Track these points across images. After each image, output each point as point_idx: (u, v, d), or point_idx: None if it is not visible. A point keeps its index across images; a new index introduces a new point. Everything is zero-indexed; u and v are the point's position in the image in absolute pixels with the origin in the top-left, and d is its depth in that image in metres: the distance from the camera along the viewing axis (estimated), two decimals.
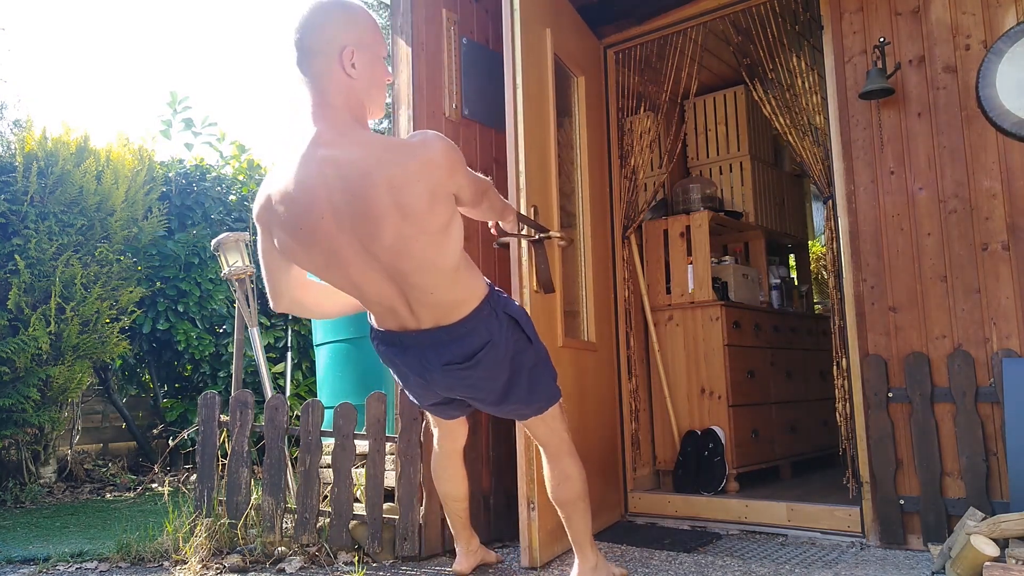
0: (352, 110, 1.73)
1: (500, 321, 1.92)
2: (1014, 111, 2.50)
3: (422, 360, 1.89)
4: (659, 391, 3.79)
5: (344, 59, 1.69)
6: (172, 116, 5.72)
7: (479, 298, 1.89)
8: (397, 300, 1.82)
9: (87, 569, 2.66)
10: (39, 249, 4.20)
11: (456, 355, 1.86)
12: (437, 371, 1.89)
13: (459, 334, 1.85)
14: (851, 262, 2.81)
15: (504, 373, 1.95)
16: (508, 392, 1.99)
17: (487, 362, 1.90)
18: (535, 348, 2.04)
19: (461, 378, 1.91)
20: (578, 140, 3.21)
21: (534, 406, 2.08)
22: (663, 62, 3.78)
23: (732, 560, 2.57)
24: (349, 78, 1.71)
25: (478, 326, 1.87)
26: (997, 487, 2.47)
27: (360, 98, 1.75)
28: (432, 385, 1.96)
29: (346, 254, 1.73)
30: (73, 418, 4.85)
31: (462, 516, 2.46)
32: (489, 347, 1.88)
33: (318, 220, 1.69)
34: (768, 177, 4.54)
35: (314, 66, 1.70)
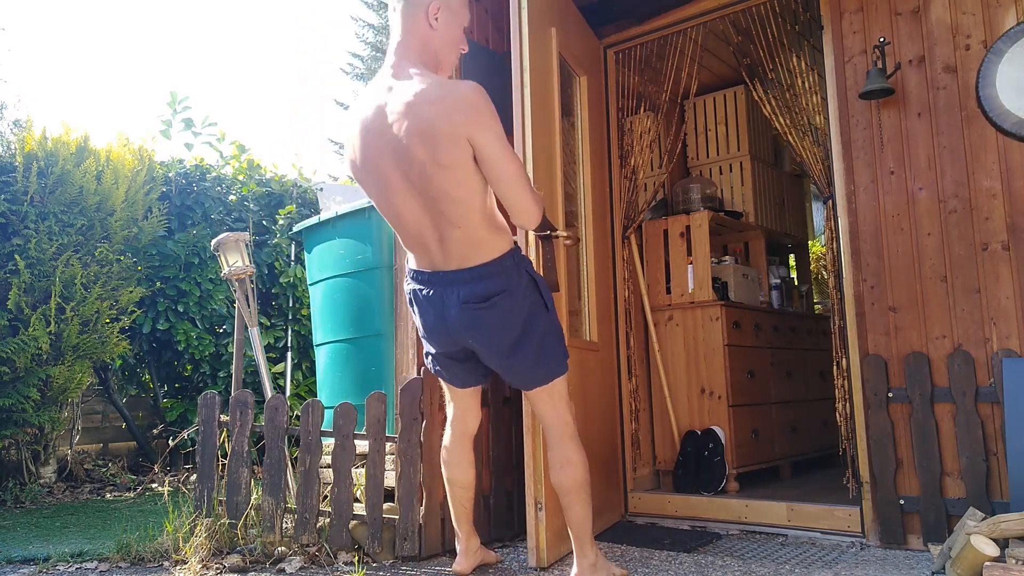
0: (422, 54, 2.04)
1: (521, 277, 2.08)
2: (1014, 111, 2.50)
3: (443, 298, 2.06)
4: (659, 391, 3.79)
5: (430, 11, 2.03)
6: (172, 116, 5.71)
7: (504, 249, 2.06)
8: (430, 232, 2.03)
9: (87, 569, 2.66)
10: (39, 249, 4.20)
11: (474, 294, 2.03)
12: (455, 308, 2.05)
13: (479, 275, 2.03)
14: (851, 262, 2.81)
15: (517, 328, 2.07)
16: (517, 347, 2.09)
17: (501, 308, 2.04)
18: (551, 316, 2.16)
19: (475, 319, 2.04)
20: (580, 140, 3.21)
21: (540, 372, 2.14)
22: (663, 62, 3.78)
23: (732, 560, 2.58)
24: (430, 28, 2.04)
25: (499, 273, 2.04)
26: (997, 487, 2.47)
27: (433, 48, 2.06)
28: (448, 325, 2.09)
29: (390, 176, 1.99)
30: (73, 418, 4.85)
31: (466, 507, 2.46)
32: (506, 295, 2.04)
33: (372, 141, 1.99)
34: (768, 177, 4.54)
35: (404, 11, 2.05)
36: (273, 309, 5.56)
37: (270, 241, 5.61)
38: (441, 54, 2.08)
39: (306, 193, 5.85)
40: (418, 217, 2.02)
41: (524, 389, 2.23)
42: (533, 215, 2.07)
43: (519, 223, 2.10)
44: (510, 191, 2.00)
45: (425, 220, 2.02)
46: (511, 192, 2.01)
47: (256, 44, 32.95)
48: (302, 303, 5.51)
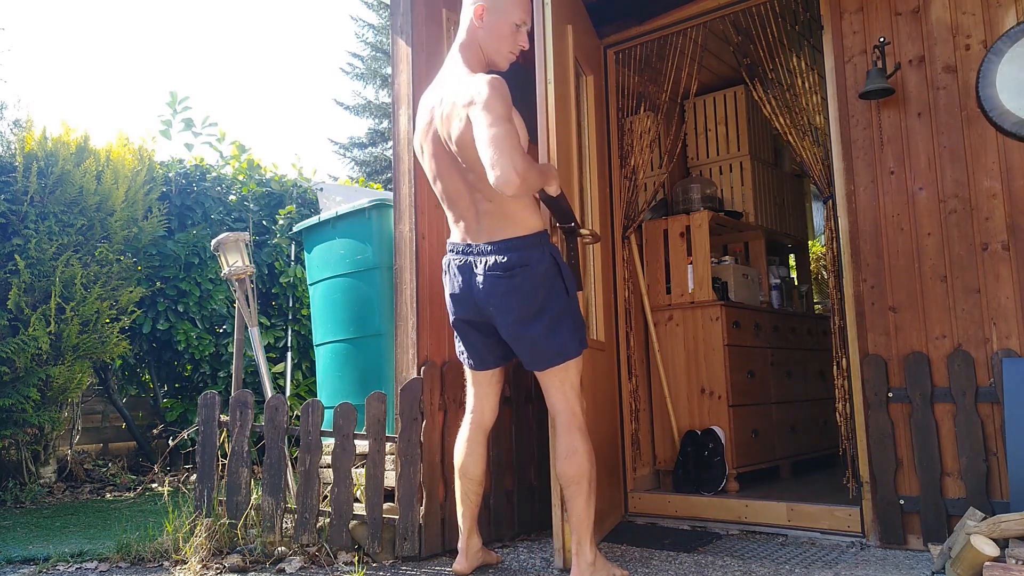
0: (471, 48, 2.31)
1: (545, 258, 2.22)
2: (1014, 111, 2.50)
3: (472, 267, 2.26)
4: (659, 391, 3.79)
5: (476, 12, 2.30)
6: (172, 116, 5.71)
7: (533, 229, 2.23)
8: (468, 206, 2.26)
9: (87, 569, 2.66)
10: (39, 249, 4.20)
11: (499, 264, 2.20)
12: (480, 276, 2.24)
13: (505, 247, 2.21)
14: (851, 262, 2.81)
15: (535, 303, 2.21)
16: (533, 320, 2.21)
17: (522, 278, 2.19)
18: (570, 301, 2.27)
19: (496, 285, 2.21)
20: (587, 140, 3.21)
21: (553, 347, 2.22)
22: (663, 62, 3.78)
23: (732, 560, 2.58)
24: (476, 27, 2.31)
25: (523, 248, 2.20)
26: (997, 487, 2.47)
27: (480, 43, 2.31)
28: (474, 292, 2.27)
29: (438, 151, 2.27)
30: (73, 418, 4.85)
31: (473, 502, 2.46)
32: (527, 269, 2.19)
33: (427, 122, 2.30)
34: (768, 177, 4.54)
35: (463, 12, 2.35)
36: (273, 309, 5.56)
37: (270, 241, 5.61)
38: (489, 52, 2.32)
39: (306, 193, 5.85)
40: (460, 191, 2.27)
41: (536, 369, 2.27)
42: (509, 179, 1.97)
43: (493, 184, 2.01)
44: (487, 154, 1.99)
45: (464, 194, 2.26)
46: (487, 155, 1.99)
47: (256, 44, 32.92)
48: (302, 303, 5.51)
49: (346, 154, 18.39)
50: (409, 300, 2.90)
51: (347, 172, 18.07)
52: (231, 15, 29.87)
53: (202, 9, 27.63)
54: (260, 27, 33.55)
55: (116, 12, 25.64)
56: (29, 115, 6.13)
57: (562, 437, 2.22)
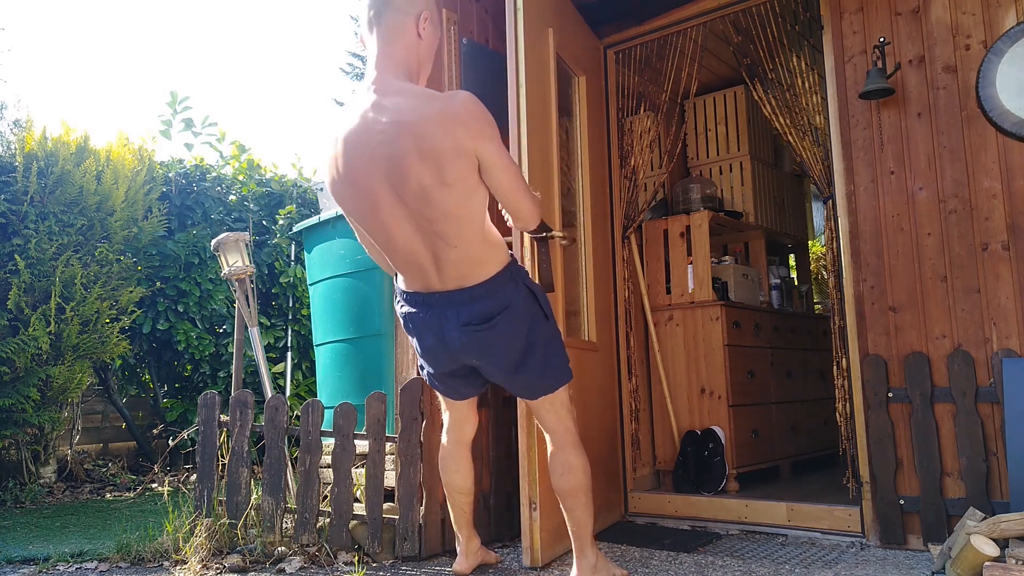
0: (409, 66, 1.95)
1: (519, 290, 2.02)
2: (1014, 111, 2.50)
3: (442, 320, 1.99)
4: (659, 391, 3.79)
5: (420, 21, 1.95)
6: (172, 116, 5.71)
7: (501, 264, 2.00)
8: (424, 253, 1.94)
9: (87, 569, 2.66)
10: (39, 249, 4.20)
11: (475, 315, 1.96)
12: (456, 331, 1.98)
13: (479, 295, 1.96)
14: (851, 262, 2.81)
15: (520, 342, 2.03)
16: (522, 362, 2.05)
17: (504, 326, 1.98)
18: (551, 325, 2.12)
19: (478, 340, 1.99)
20: (579, 140, 3.22)
21: (546, 381, 2.13)
22: (663, 62, 3.78)
23: (732, 560, 2.58)
24: (418, 39, 1.95)
25: (498, 290, 1.97)
26: (997, 487, 2.47)
27: (420, 58, 1.98)
28: (449, 346, 2.03)
29: (380, 199, 1.88)
30: (73, 418, 4.85)
31: (466, 511, 2.46)
32: (508, 312, 1.98)
33: (358, 161, 1.87)
34: (768, 177, 4.54)
35: (389, 20, 1.93)
36: (273, 309, 5.56)
37: (270, 241, 5.61)
38: (425, 65, 2.01)
39: (306, 193, 5.85)
40: (411, 238, 1.92)
41: (529, 399, 2.21)
42: (533, 217, 2.07)
43: (519, 226, 2.12)
44: (513, 197, 2.00)
45: (418, 241, 1.92)
46: (514, 198, 2.00)
47: (256, 44, 32.99)
48: (302, 303, 5.51)
49: None
50: None
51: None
52: (231, 15, 29.90)
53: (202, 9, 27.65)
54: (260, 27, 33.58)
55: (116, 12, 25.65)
56: (29, 115, 6.12)
57: (557, 455, 2.19)
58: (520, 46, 2.63)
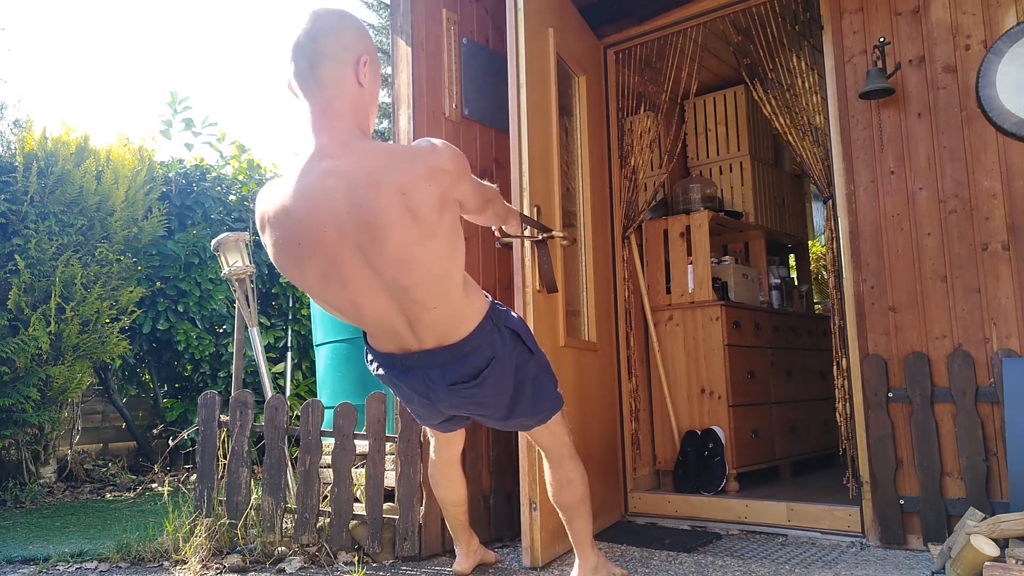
0: (357, 120, 1.67)
1: (503, 336, 1.88)
2: (1014, 111, 2.50)
3: (426, 381, 1.83)
4: (659, 391, 3.79)
5: (360, 68, 1.65)
6: (172, 116, 5.72)
7: (481, 314, 1.84)
8: (397, 319, 1.75)
9: (87, 569, 2.66)
10: (39, 249, 4.20)
11: (462, 374, 1.82)
12: (442, 391, 1.84)
13: (463, 352, 1.80)
14: (851, 262, 2.81)
15: (509, 388, 1.92)
16: (514, 406, 1.96)
17: (493, 379, 1.85)
18: (536, 358, 2.01)
19: (468, 396, 1.87)
20: (579, 140, 3.22)
21: (539, 416, 2.07)
22: (663, 62, 3.78)
23: (732, 560, 2.57)
24: (360, 87, 1.66)
25: (482, 343, 1.82)
26: (997, 487, 2.47)
27: (366, 109, 1.70)
28: (437, 404, 1.91)
29: (347, 269, 1.66)
30: (73, 418, 4.86)
31: (461, 519, 2.47)
32: (494, 363, 1.84)
33: (320, 234, 1.62)
34: (768, 177, 4.54)
35: (325, 73, 1.62)
36: (273, 309, 5.56)
37: None
38: (371, 114, 1.73)
39: None
40: (383, 308, 1.73)
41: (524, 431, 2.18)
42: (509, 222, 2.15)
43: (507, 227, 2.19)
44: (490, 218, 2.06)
45: (392, 309, 1.73)
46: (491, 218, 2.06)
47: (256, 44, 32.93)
48: (302, 303, 5.51)
49: None
50: None
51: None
52: (231, 15, 29.86)
53: (202, 9, 27.60)
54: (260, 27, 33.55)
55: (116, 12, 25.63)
56: (29, 115, 6.13)
57: (554, 470, 2.16)
58: (520, 46, 2.63)
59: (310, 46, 1.63)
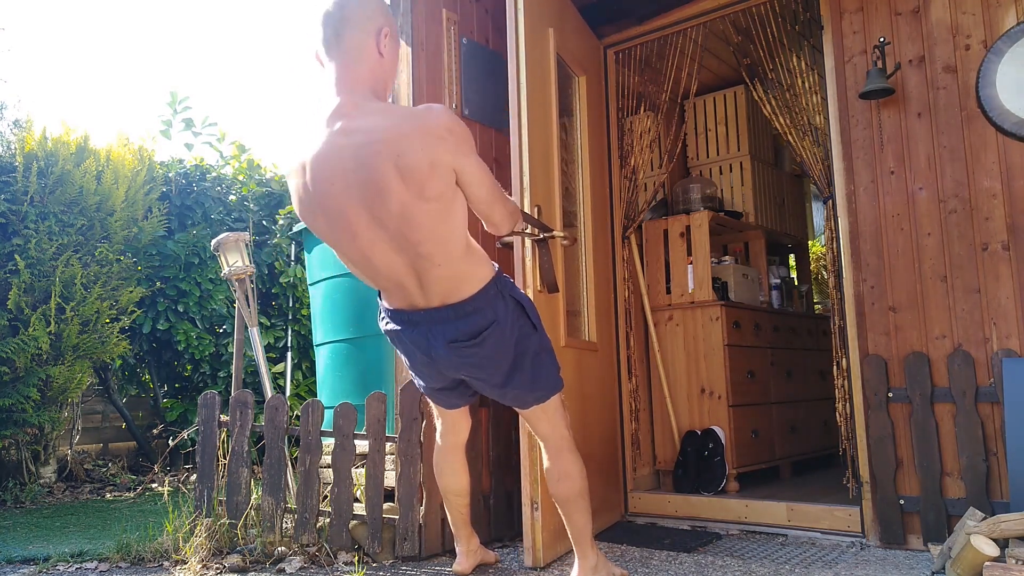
0: (374, 85, 1.84)
1: (506, 303, 1.97)
2: (1014, 111, 2.50)
3: (428, 337, 1.94)
4: (659, 391, 3.79)
5: (380, 39, 1.84)
6: (172, 116, 5.72)
7: (486, 278, 1.94)
8: (405, 273, 1.88)
9: (87, 569, 2.66)
10: (39, 249, 4.20)
11: (462, 333, 1.91)
12: (442, 348, 1.94)
13: (465, 312, 1.90)
14: (851, 262, 2.81)
15: (508, 356, 1.99)
16: (511, 375, 2.02)
17: (492, 341, 1.94)
18: (539, 336, 2.08)
19: (466, 356, 1.95)
20: (579, 140, 3.22)
21: (536, 393, 2.11)
22: (663, 62, 3.78)
23: (732, 560, 2.58)
24: (380, 56, 1.85)
25: (484, 306, 1.92)
26: (997, 487, 2.47)
27: (383, 77, 1.87)
28: (437, 363, 2.00)
29: (356, 224, 1.81)
30: (73, 418, 4.86)
31: (463, 512, 2.46)
32: (495, 327, 1.93)
33: (329, 187, 1.78)
34: (768, 177, 4.54)
35: (349, 39, 1.82)
36: (273, 309, 5.56)
37: (270, 241, 5.61)
38: (388, 83, 1.91)
39: None
40: (391, 260, 1.86)
41: (520, 409, 2.20)
42: (507, 223, 2.04)
43: (494, 231, 2.07)
44: (491, 208, 1.98)
45: (400, 262, 1.86)
46: (491, 209, 1.99)
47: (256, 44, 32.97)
48: (302, 303, 5.51)
49: None
50: None
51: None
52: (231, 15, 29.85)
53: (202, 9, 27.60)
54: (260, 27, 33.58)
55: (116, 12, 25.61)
56: (29, 115, 6.13)
57: (553, 462, 2.18)
58: (520, 46, 2.63)
59: (337, 14, 1.83)
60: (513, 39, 2.64)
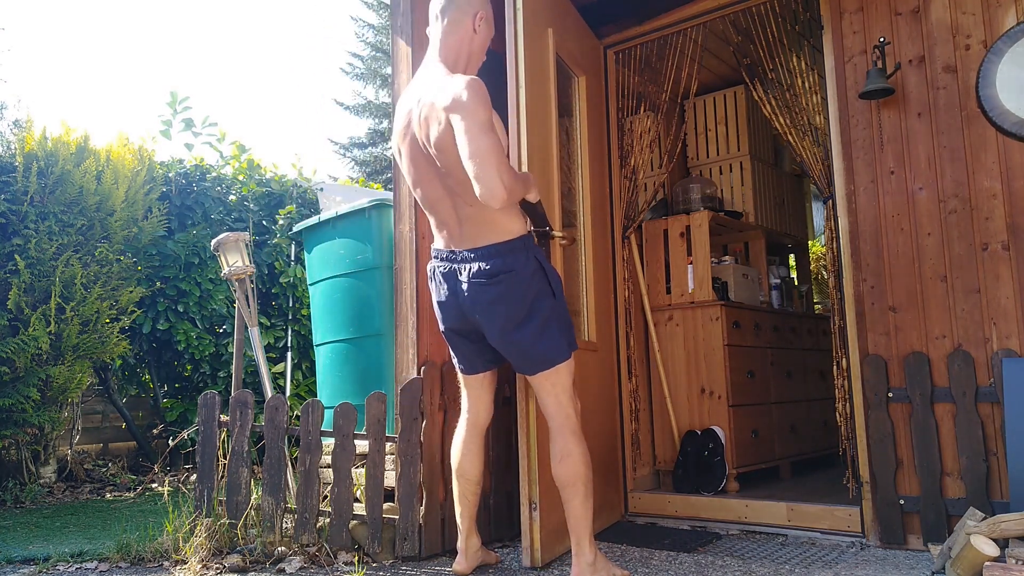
0: (459, 54, 2.30)
1: (529, 261, 2.20)
2: (1014, 111, 2.50)
3: (456, 275, 2.24)
4: (659, 391, 3.79)
5: (476, 20, 2.32)
6: (172, 116, 5.71)
7: (515, 233, 2.21)
8: (449, 210, 2.23)
9: (87, 569, 2.66)
10: (39, 249, 4.20)
11: (482, 271, 2.18)
12: (465, 283, 2.21)
13: (488, 254, 2.18)
14: (851, 262, 2.81)
15: (522, 308, 2.18)
16: (521, 326, 2.19)
17: (507, 285, 2.16)
18: (557, 303, 2.25)
19: (481, 292, 2.18)
20: (579, 140, 3.22)
21: (540, 351, 2.19)
22: (663, 62, 3.78)
23: (732, 560, 2.58)
24: (473, 33, 2.32)
25: (506, 253, 2.18)
26: (997, 487, 2.47)
27: (470, 51, 2.32)
28: (459, 300, 2.25)
29: (418, 161, 2.24)
30: (73, 418, 4.86)
31: (471, 501, 2.47)
32: (512, 275, 2.17)
33: (406, 128, 2.26)
34: (768, 177, 4.54)
35: (453, 15, 2.30)
36: (273, 309, 5.56)
37: (270, 241, 5.61)
38: (475, 57, 2.35)
39: (306, 193, 5.85)
40: (440, 196, 2.23)
41: (527, 373, 2.27)
42: (495, 193, 2.00)
43: (481, 198, 2.03)
44: (471, 166, 2.00)
45: (446, 199, 2.23)
46: (472, 167, 2.00)
47: (256, 44, 33.03)
48: (302, 303, 5.51)
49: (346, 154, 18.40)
50: (409, 300, 2.90)
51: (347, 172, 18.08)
52: (231, 15, 29.89)
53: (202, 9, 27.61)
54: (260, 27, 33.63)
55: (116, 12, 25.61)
56: (29, 115, 6.13)
57: (556, 441, 2.22)
58: (520, 46, 2.63)
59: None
60: (512, 39, 2.64)
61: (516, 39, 2.63)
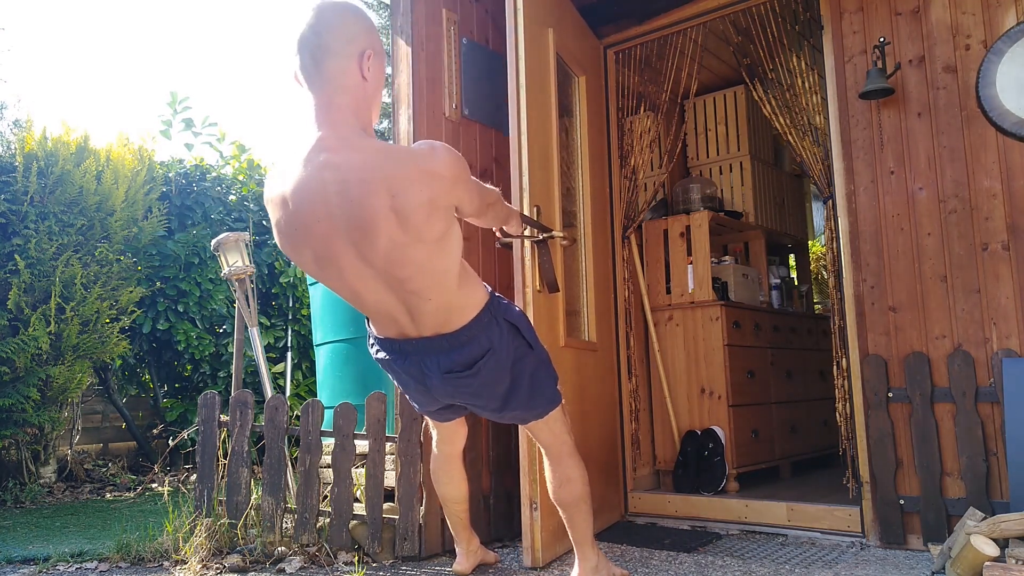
0: (359, 115, 1.69)
1: (501, 328, 1.90)
2: (1014, 111, 2.50)
3: (422, 367, 1.87)
4: (659, 391, 3.79)
5: (363, 62, 1.67)
6: (172, 116, 5.72)
7: (479, 305, 1.87)
8: (396, 307, 1.80)
9: (87, 569, 2.66)
10: (39, 249, 4.20)
11: (457, 363, 1.85)
12: (437, 378, 1.88)
13: (460, 342, 1.84)
14: (851, 262, 2.81)
15: (505, 380, 1.94)
16: (509, 399, 1.98)
17: (488, 370, 1.88)
18: (536, 353, 2.02)
19: (462, 386, 1.90)
20: (579, 140, 3.22)
21: (535, 411, 2.08)
22: (663, 62, 3.78)
23: (732, 560, 2.57)
24: (364, 81, 1.69)
25: (479, 334, 1.85)
26: (997, 487, 2.47)
27: (368, 103, 1.72)
28: (433, 392, 1.94)
29: (342, 260, 1.70)
30: (73, 418, 4.86)
31: (462, 518, 2.47)
32: (490, 355, 1.87)
33: (314, 224, 1.66)
34: (768, 177, 4.54)
35: (328, 67, 1.65)
36: (273, 309, 5.56)
37: (270, 241, 5.61)
38: (374, 106, 1.75)
39: None
40: (381, 296, 1.78)
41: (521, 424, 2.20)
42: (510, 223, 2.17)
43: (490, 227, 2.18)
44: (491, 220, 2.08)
45: (390, 298, 1.78)
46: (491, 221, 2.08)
47: (256, 44, 33.01)
48: (302, 303, 5.51)
49: None
50: None
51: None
52: (231, 15, 29.87)
53: (202, 9, 27.60)
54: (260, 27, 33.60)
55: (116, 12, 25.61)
56: (29, 115, 6.13)
57: (554, 467, 2.17)
58: (520, 46, 2.63)
59: (314, 41, 1.65)
60: (512, 39, 2.64)
61: (516, 39, 2.64)
